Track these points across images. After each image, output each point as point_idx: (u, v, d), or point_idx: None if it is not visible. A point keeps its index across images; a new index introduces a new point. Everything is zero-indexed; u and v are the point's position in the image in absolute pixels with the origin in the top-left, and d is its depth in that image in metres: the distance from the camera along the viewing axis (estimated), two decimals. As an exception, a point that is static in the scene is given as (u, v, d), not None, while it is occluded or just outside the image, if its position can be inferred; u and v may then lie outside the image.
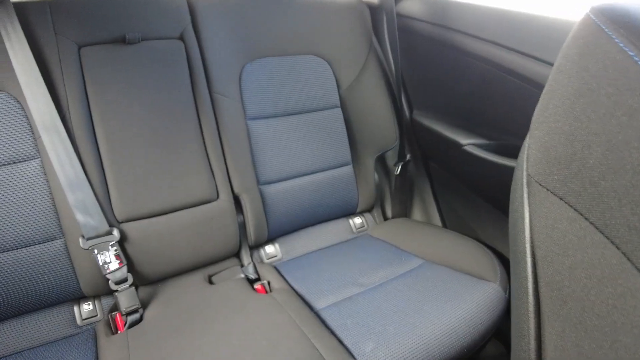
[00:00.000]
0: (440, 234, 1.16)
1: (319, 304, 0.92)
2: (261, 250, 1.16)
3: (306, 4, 1.20)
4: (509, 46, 0.94)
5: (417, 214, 1.39)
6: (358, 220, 1.29)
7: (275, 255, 1.16)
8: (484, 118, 1.11)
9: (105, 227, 0.90)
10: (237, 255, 1.12)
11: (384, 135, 1.26)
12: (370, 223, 1.31)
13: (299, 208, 1.17)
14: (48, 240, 0.88)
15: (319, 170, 1.19)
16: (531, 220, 0.35)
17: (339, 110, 1.23)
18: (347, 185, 1.24)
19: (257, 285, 1.01)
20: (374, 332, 0.81)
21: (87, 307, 0.94)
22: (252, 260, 1.12)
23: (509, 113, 1.03)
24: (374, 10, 1.28)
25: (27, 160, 0.88)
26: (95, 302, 0.95)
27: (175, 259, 0.99)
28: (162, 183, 0.97)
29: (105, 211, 0.91)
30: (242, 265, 1.10)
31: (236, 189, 1.07)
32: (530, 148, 0.36)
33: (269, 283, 1.02)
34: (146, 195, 0.95)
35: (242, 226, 1.10)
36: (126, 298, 0.89)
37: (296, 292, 0.97)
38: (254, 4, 1.14)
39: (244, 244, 1.12)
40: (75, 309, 0.93)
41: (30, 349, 0.86)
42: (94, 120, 0.93)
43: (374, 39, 1.28)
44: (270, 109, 1.14)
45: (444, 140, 1.18)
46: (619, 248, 0.27)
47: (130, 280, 0.92)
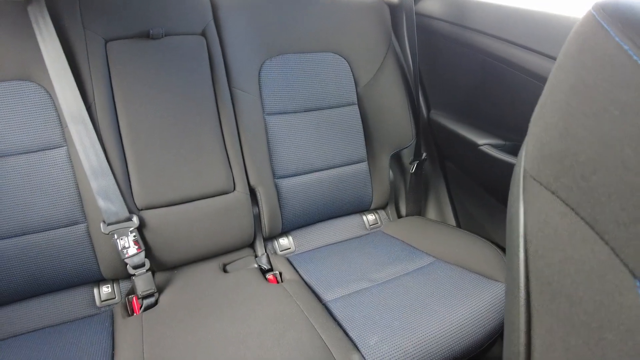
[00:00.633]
0: (453, 233, 1.16)
1: (327, 296, 0.93)
2: (275, 242, 1.18)
3: (327, 2, 1.22)
4: (529, 46, 0.94)
5: (432, 212, 1.39)
6: (372, 217, 1.30)
7: (289, 248, 1.18)
8: (501, 118, 1.10)
9: (125, 214, 0.94)
10: (252, 246, 1.15)
11: (400, 133, 1.26)
12: (384, 220, 1.32)
13: (313, 202, 1.19)
14: (72, 224, 0.93)
15: (334, 166, 1.21)
16: (525, 214, 0.36)
17: (355, 108, 1.24)
18: (362, 182, 1.25)
19: (269, 276, 1.03)
20: (380, 326, 0.82)
21: (106, 290, 0.98)
22: (266, 251, 1.15)
23: (527, 114, 1.02)
24: (393, 9, 1.29)
25: (55, 148, 0.92)
26: (114, 285, 1.00)
27: (191, 247, 1.03)
28: (181, 173, 1.00)
29: (125, 198, 0.95)
30: (256, 256, 1.13)
31: (252, 182, 1.10)
32: (528, 144, 0.37)
33: (280, 274, 1.05)
34: (165, 184, 0.99)
35: (257, 218, 1.13)
36: (143, 282, 0.93)
37: (306, 284, 0.99)
38: (275, 1, 1.16)
39: (258, 235, 1.15)
40: (95, 291, 0.98)
41: (52, 326, 0.90)
42: (118, 112, 0.97)
43: (393, 37, 1.28)
44: (288, 105, 1.16)
45: (460, 139, 1.18)
46: (607, 244, 0.28)
47: (148, 265, 0.96)
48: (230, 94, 1.08)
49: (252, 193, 1.11)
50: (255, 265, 1.08)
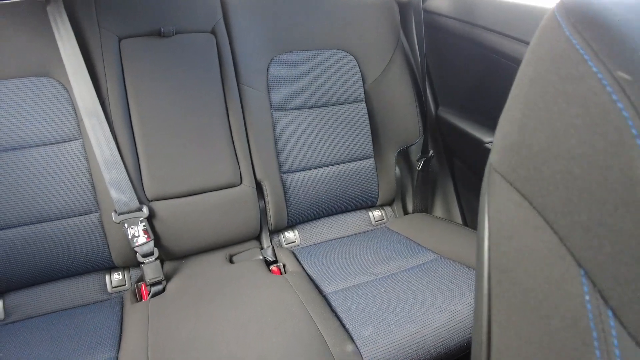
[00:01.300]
0: (458, 231, 1.16)
1: (328, 288, 0.96)
2: (281, 235, 1.21)
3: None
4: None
5: (438, 210, 1.39)
6: (377, 213, 1.32)
7: (294, 241, 1.21)
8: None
9: (135, 204, 0.98)
10: (258, 238, 1.19)
11: (407, 130, 1.27)
12: (390, 217, 1.33)
13: (319, 197, 1.21)
14: (86, 214, 0.98)
15: (340, 162, 1.22)
16: (488, 206, 0.38)
17: (363, 104, 1.26)
18: (368, 178, 1.27)
19: (273, 267, 1.06)
20: (376, 318, 0.84)
21: (117, 277, 1.03)
22: (272, 244, 1.18)
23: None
24: (402, 6, 1.29)
25: (71, 140, 0.97)
26: (125, 273, 1.04)
27: (199, 237, 1.06)
28: (190, 166, 1.04)
29: (136, 189, 0.99)
30: (262, 248, 1.16)
31: (259, 176, 1.13)
32: (495, 137, 0.38)
33: (284, 266, 1.07)
34: (174, 177, 1.03)
35: (263, 211, 1.16)
36: (151, 270, 0.98)
37: (308, 276, 1.01)
38: None
39: (264, 228, 1.18)
40: (107, 277, 1.03)
41: (65, 309, 0.96)
42: (130, 107, 1.02)
43: (402, 35, 1.29)
44: (295, 101, 1.18)
45: (467, 137, 1.18)
46: (556, 233, 0.29)
47: (156, 254, 1.00)
48: (238, 90, 1.12)
49: (259, 187, 1.14)
50: (261, 257, 1.11)
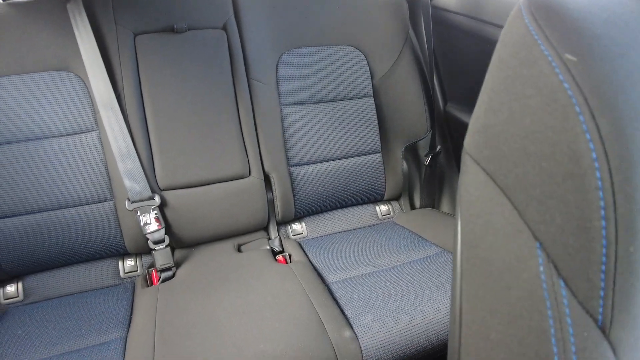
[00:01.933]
0: (464, 226, 1.16)
1: (331, 278, 0.98)
2: (288, 227, 1.24)
3: None
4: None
5: (445, 205, 1.40)
6: (384, 207, 1.33)
7: (301, 233, 1.23)
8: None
9: (148, 193, 1.02)
10: (266, 229, 1.22)
11: (415, 125, 1.28)
12: (397, 211, 1.34)
13: (326, 190, 1.23)
14: (101, 201, 1.03)
15: (348, 156, 1.25)
16: (460, 186, 0.40)
17: (371, 100, 1.27)
18: (375, 173, 1.28)
19: (279, 257, 1.09)
20: (375, 307, 0.86)
21: (130, 263, 1.08)
22: (279, 234, 1.21)
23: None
24: (411, 2, 1.30)
25: (88, 131, 1.02)
26: (137, 259, 1.09)
27: (208, 226, 1.10)
28: (201, 158, 1.08)
29: (149, 179, 1.04)
30: (269, 239, 1.19)
31: (267, 168, 1.16)
32: (470, 121, 0.40)
33: (290, 255, 1.10)
34: (186, 168, 1.07)
35: (271, 203, 1.19)
36: (162, 256, 1.02)
37: (313, 266, 1.04)
38: None
39: (272, 219, 1.21)
40: (120, 263, 1.08)
41: (80, 292, 1.01)
42: (144, 100, 1.06)
43: (411, 30, 1.30)
44: (304, 96, 1.21)
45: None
46: (516, 208, 0.31)
47: (167, 241, 1.04)
48: (248, 84, 1.15)
49: (267, 179, 1.17)
50: (268, 247, 1.14)
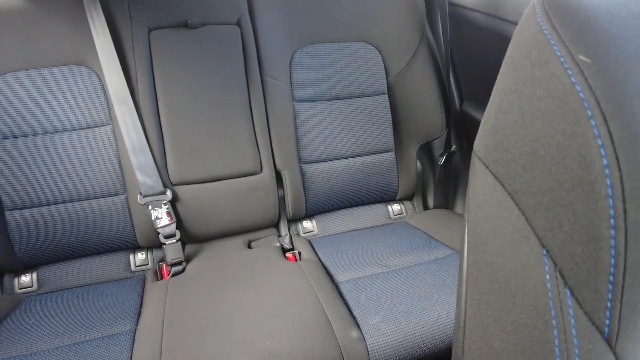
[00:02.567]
0: (477, 227, 1.14)
1: (340, 277, 0.97)
2: (299, 224, 1.23)
3: None
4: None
5: (459, 206, 1.37)
6: (397, 207, 1.31)
7: (312, 231, 1.23)
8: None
9: (160, 188, 1.03)
10: (276, 226, 1.21)
11: (430, 124, 1.26)
12: (410, 211, 1.33)
13: (337, 189, 1.22)
14: (114, 195, 1.04)
15: (360, 155, 1.23)
16: (469, 189, 0.39)
17: (385, 97, 1.25)
18: (388, 172, 1.27)
19: (289, 254, 1.09)
20: (384, 308, 0.84)
21: (141, 256, 1.09)
22: (290, 232, 1.21)
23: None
24: (428, -1, 1.28)
25: (102, 125, 1.03)
26: (148, 253, 1.10)
27: (219, 222, 1.11)
28: (213, 154, 1.08)
29: (161, 174, 1.04)
30: (280, 236, 1.19)
31: (279, 165, 1.15)
32: (481, 123, 0.39)
33: (299, 253, 1.10)
34: (198, 163, 1.07)
35: (282, 200, 1.19)
36: (172, 251, 1.02)
37: (322, 264, 1.03)
38: None
39: (282, 216, 1.20)
40: (131, 257, 1.09)
41: (91, 284, 1.02)
42: (158, 95, 1.07)
43: (427, 28, 1.28)
44: (317, 93, 1.20)
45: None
46: (523, 213, 0.30)
47: (178, 236, 1.05)
48: (261, 81, 1.14)
49: (278, 176, 1.16)
50: (278, 244, 1.13)
